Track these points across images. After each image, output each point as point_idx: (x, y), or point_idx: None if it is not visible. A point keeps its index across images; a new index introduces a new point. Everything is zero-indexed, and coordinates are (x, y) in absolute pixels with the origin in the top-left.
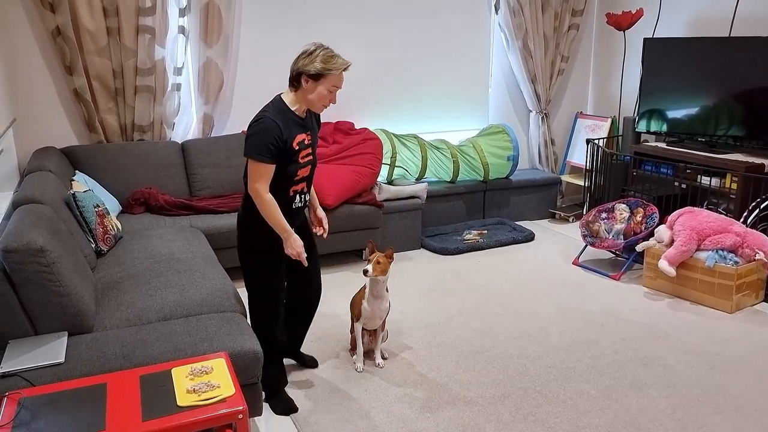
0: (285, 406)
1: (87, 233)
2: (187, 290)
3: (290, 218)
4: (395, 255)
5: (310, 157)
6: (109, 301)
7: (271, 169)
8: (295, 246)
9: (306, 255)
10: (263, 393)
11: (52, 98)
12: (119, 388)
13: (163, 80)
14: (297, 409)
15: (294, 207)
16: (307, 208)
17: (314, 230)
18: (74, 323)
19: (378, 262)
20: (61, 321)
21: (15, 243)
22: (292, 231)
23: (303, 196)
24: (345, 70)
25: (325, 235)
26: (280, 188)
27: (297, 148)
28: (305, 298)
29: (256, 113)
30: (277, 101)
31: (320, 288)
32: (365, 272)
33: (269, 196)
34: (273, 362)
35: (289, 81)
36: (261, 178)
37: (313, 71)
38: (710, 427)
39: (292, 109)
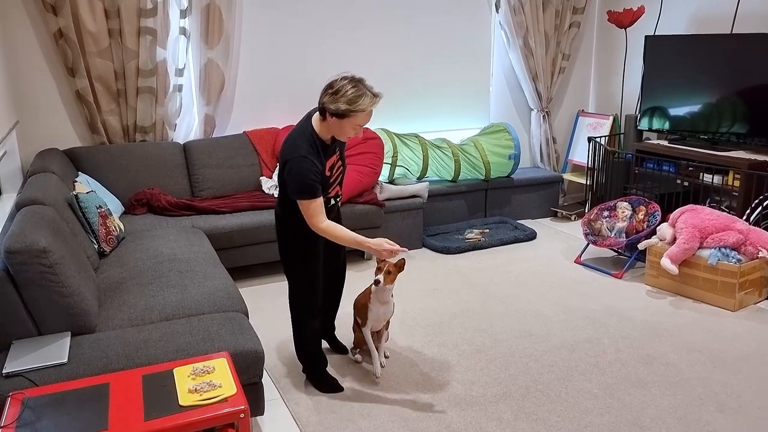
0: (329, 385)
1: (90, 234)
2: (189, 290)
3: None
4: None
5: (341, 169)
6: (112, 302)
7: (321, 201)
8: (381, 246)
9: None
10: (305, 375)
11: (54, 100)
12: (122, 388)
13: (165, 81)
14: (342, 388)
15: (329, 206)
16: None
17: None
18: (77, 324)
19: (388, 272)
20: (64, 321)
21: (18, 244)
22: (366, 238)
23: (338, 197)
24: (371, 106)
25: None
26: None
27: (329, 173)
28: (332, 286)
29: (289, 138)
30: (308, 132)
31: (344, 276)
32: (377, 282)
33: (327, 223)
34: (312, 353)
35: (318, 110)
36: (316, 213)
37: (336, 111)
38: (713, 426)
39: (321, 137)
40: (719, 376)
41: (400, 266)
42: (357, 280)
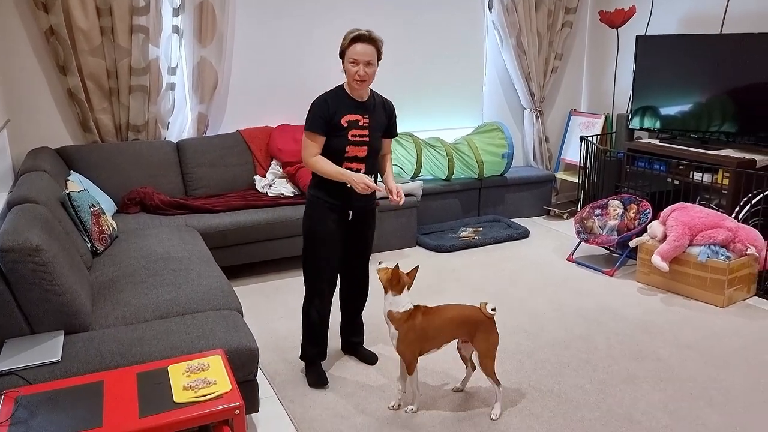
0: (315, 379)
1: (83, 233)
2: (182, 288)
3: (346, 197)
4: (393, 254)
5: (365, 138)
6: (105, 300)
7: (318, 140)
8: (359, 180)
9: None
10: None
11: (46, 98)
12: (116, 386)
13: (158, 80)
14: (326, 383)
15: (349, 186)
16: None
17: (389, 199)
18: (70, 322)
19: (386, 269)
20: (58, 320)
21: (10, 242)
22: (349, 171)
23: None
24: (357, 41)
25: (401, 202)
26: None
27: (346, 125)
28: (349, 298)
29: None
30: (338, 86)
31: (366, 289)
32: (379, 262)
33: (316, 158)
34: (309, 337)
35: None
36: (309, 147)
37: (340, 52)
38: (702, 420)
39: (348, 92)
40: (709, 371)
41: (396, 271)
42: None
